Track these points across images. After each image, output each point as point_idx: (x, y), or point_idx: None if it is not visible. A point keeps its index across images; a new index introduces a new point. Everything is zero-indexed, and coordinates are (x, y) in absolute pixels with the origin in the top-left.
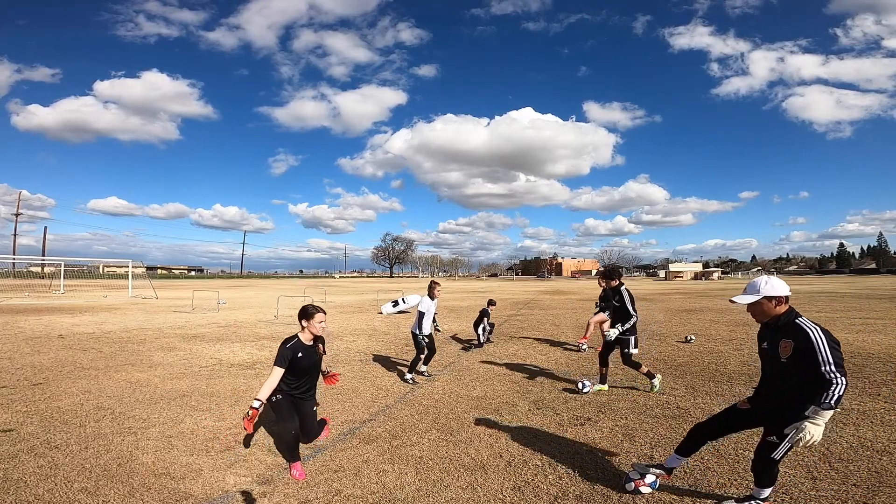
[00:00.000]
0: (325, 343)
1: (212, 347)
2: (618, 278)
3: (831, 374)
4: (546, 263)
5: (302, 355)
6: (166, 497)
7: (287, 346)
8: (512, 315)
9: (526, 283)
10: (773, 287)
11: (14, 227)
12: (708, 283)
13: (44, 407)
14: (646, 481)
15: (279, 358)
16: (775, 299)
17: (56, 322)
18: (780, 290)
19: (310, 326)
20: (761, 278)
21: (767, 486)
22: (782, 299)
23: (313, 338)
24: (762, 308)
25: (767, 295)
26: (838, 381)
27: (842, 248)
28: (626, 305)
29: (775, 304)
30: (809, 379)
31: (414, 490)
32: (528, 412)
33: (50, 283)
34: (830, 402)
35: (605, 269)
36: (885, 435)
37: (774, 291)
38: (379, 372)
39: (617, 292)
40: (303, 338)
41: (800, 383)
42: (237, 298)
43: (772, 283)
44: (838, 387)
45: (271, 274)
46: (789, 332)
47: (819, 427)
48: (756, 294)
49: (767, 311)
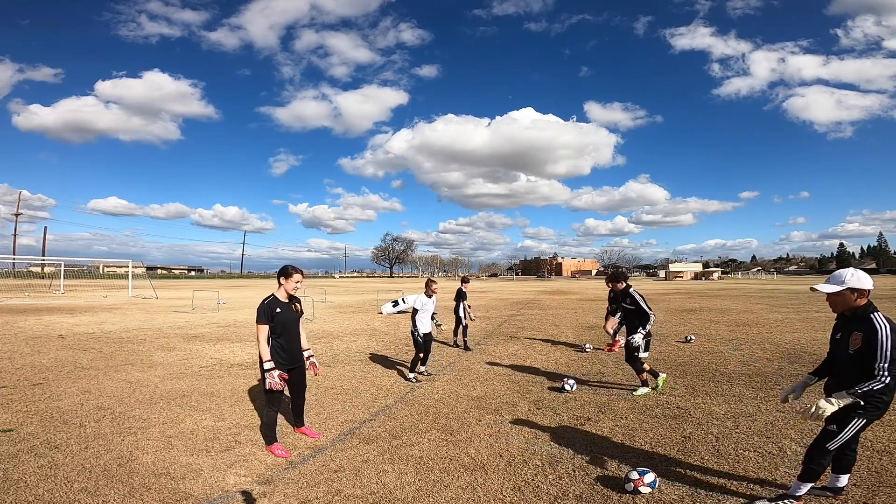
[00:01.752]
0: (300, 303)
1: (212, 347)
2: (624, 280)
3: (880, 370)
4: (546, 263)
5: (280, 310)
6: (166, 497)
7: (265, 303)
8: (512, 315)
9: (526, 283)
10: (858, 280)
11: (14, 227)
12: (708, 283)
13: (44, 407)
14: (645, 481)
15: (260, 315)
16: (858, 291)
17: (56, 322)
18: (865, 284)
19: (286, 284)
20: (847, 270)
21: (808, 481)
22: (865, 292)
23: (289, 296)
24: (844, 298)
25: (851, 287)
26: (882, 378)
27: (842, 248)
28: (641, 306)
29: (857, 296)
30: (866, 371)
31: (414, 490)
32: (528, 412)
33: (50, 283)
34: (858, 391)
35: (611, 272)
36: (885, 435)
37: (859, 284)
38: (379, 372)
39: (627, 295)
40: (279, 295)
41: (858, 376)
42: (237, 298)
43: (857, 275)
44: (877, 383)
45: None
46: (862, 325)
47: (830, 406)
48: (841, 284)
49: (848, 302)
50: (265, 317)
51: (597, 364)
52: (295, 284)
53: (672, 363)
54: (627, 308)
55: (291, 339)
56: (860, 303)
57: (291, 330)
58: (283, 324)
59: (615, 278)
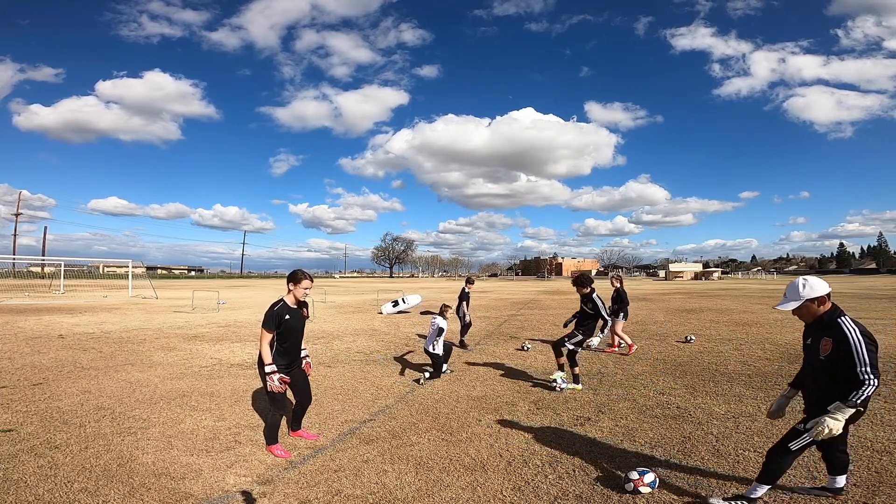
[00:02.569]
0: (308, 308)
1: (212, 347)
2: (589, 285)
3: (865, 374)
4: (546, 263)
5: (289, 317)
6: (166, 497)
7: (275, 309)
8: (512, 315)
9: (526, 283)
10: (812, 288)
11: (14, 227)
12: (708, 283)
13: (44, 407)
14: (645, 481)
15: (267, 320)
16: (817, 300)
17: (56, 322)
18: (820, 290)
19: (295, 290)
20: (799, 280)
21: (766, 483)
22: (823, 299)
23: (297, 301)
24: (807, 310)
25: (809, 297)
26: (870, 381)
27: (842, 248)
28: (600, 312)
29: (818, 304)
30: (845, 377)
31: (414, 490)
32: (528, 412)
33: (50, 283)
34: (855, 401)
35: (576, 276)
36: (885, 435)
37: (815, 293)
38: (379, 372)
39: (589, 299)
40: (288, 300)
41: (835, 381)
42: (237, 298)
43: (810, 284)
44: (869, 388)
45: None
46: (830, 331)
47: (838, 422)
48: (798, 299)
49: (812, 312)
50: (273, 323)
51: (597, 364)
52: (305, 291)
53: (672, 363)
54: (588, 312)
55: (295, 344)
56: (823, 309)
57: (297, 335)
58: (290, 329)
59: (580, 282)
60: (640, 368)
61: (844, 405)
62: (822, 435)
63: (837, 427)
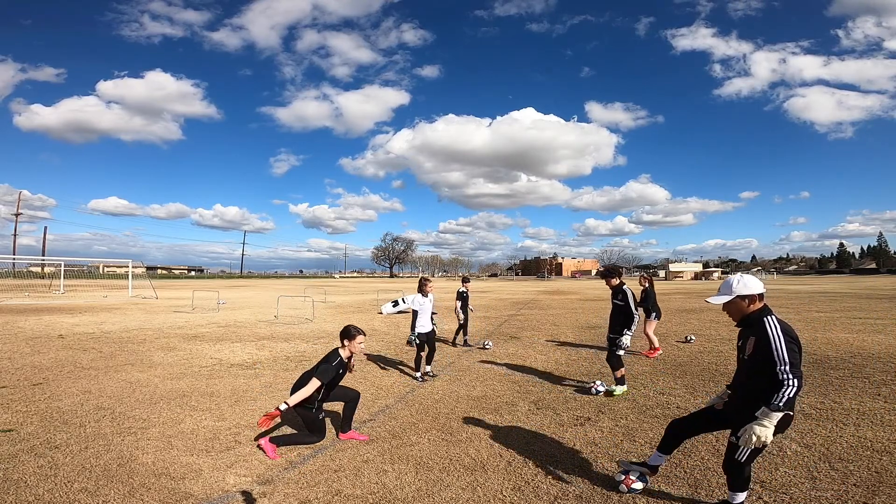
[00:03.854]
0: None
1: (212, 347)
2: (618, 277)
3: (784, 374)
4: (546, 263)
5: (341, 371)
6: (166, 497)
7: (332, 364)
8: (512, 315)
9: (526, 283)
10: (745, 286)
11: (14, 227)
12: (708, 283)
13: (44, 407)
14: (632, 477)
15: (323, 374)
16: (748, 298)
17: (56, 322)
18: (753, 289)
19: (350, 346)
20: (734, 277)
21: (740, 491)
22: (755, 297)
23: (350, 355)
24: (736, 307)
25: (740, 294)
26: (790, 382)
27: (842, 248)
28: (629, 305)
29: (748, 302)
30: (768, 378)
31: (414, 490)
32: (528, 412)
33: (50, 283)
34: (778, 404)
35: (604, 267)
36: (885, 435)
37: (747, 290)
38: (379, 372)
39: (619, 290)
40: (343, 355)
41: (760, 383)
42: (237, 298)
43: (744, 281)
44: (789, 388)
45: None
46: (755, 330)
47: (766, 429)
48: (729, 294)
49: (741, 309)
50: (326, 377)
51: (597, 364)
52: (359, 346)
53: (672, 363)
54: (618, 304)
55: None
56: (753, 308)
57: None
58: (339, 379)
59: (609, 274)
60: (640, 368)
61: (769, 410)
62: (752, 443)
63: (766, 434)
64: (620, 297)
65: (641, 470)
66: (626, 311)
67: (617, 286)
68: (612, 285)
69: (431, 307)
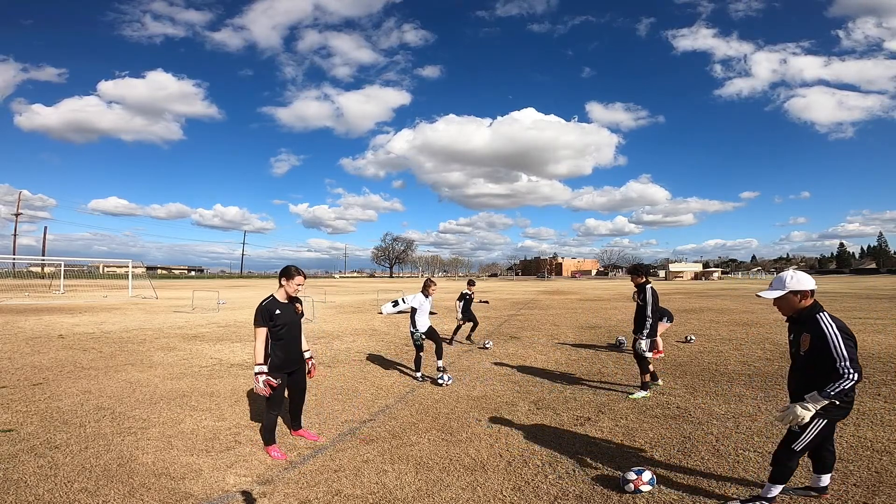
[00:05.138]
0: (301, 304)
1: (212, 347)
2: (644, 275)
3: (845, 369)
4: (546, 263)
5: (280, 312)
6: (166, 497)
7: (263, 305)
8: (512, 315)
9: (526, 283)
10: (798, 282)
11: (14, 227)
12: (708, 282)
13: (44, 407)
14: (644, 479)
15: (258, 317)
16: (800, 293)
17: (56, 322)
18: (805, 285)
19: (287, 285)
20: (787, 272)
21: (779, 483)
22: (807, 293)
23: (289, 297)
24: (788, 302)
25: (793, 289)
26: (850, 375)
27: (842, 248)
28: (647, 306)
29: (800, 298)
30: (826, 372)
31: (414, 490)
32: (528, 412)
33: (50, 283)
34: (830, 392)
35: (632, 265)
36: (885, 435)
37: (800, 286)
38: (379, 372)
39: (642, 290)
40: (278, 296)
41: (816, 376)
42: (237, 298)
43: (797, 277)
44: (847, 381)
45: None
46: (809, 327)
47: (808, 412)
48: (782, 289)
49: (793, 305)
50: (263, 319)
51: (597, 364)
52: (296, 287)
53: (672, 363)
54: (639, 304)
55: (292, 341)
56: (805, 304)
57: (293, 331)
58: (285, 325)
59: (634, 271)
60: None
61: (819, 395)
62: (788, 421)
63: (805, 415)
64: (641, 296)
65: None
66: (643, 311)
67: (640, 285)
68: (637, 283)
69: (430, 307)
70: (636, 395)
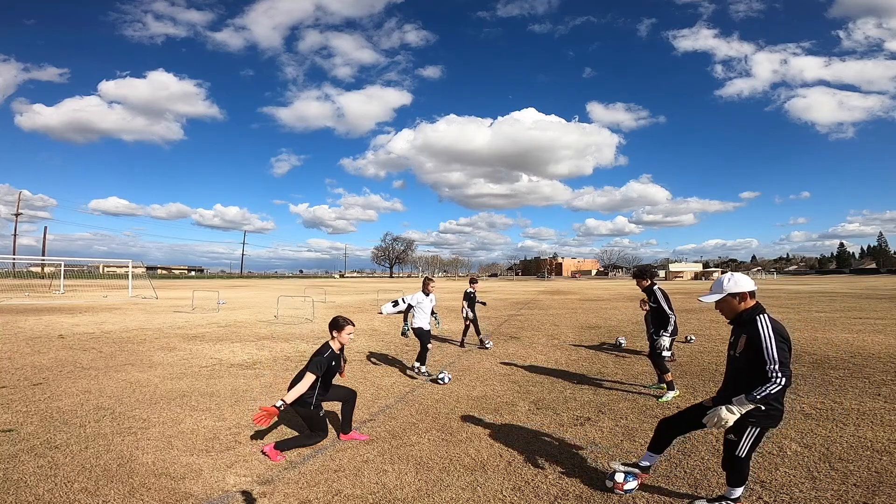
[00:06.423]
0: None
1: (212, 347)
2: (649, 278)
3: (774, 372)
4: (546, 263)
5: (334, 364)
6: (166, 497)
7: (324, 356)
8: (512, 315)
9: (526, 283)
10: (736, 284)
11: (14, 227)
12: (708, 283)
13: (44, 407)
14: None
15: (314, 366)
16: (739, 296)
17: (56, 322)
18: (744, 287)
19: (339, 337)
20: (725, 276)
21: (738, 486)
22: (746, 295)
23: (341, 346)
24: (728, 305)
25: (731, 292)
26: (777, 380)
27: (842, 248)
28: (661, 306)
29: (739, 300)
30: (757, 375)
31: (414, 490)
32: (528, 412)
33: (50, 283)
34: (756, 396)
35: (636, 268)
36: (885, 435)
37: (738, 288)
38: (379, 372)
39: (650, 293)
40: (333, 346)
41: (748, 379)
42: (237, 298)
43: (735, 279)
44: (774, 386)
45: (271, 274)
46: (747, 328)
47: (732, 415)
48: (721, 292)
49: (733, 307)
50: (319, 369)
51: (597, 364)
52: (348, 337)
53: (672, 363)
54: (652, 306)
55: (331, 381)
56: (745, 306)
57: (335, 375)
58: (332, 374)
59: (639, 274)
60: (639, 368)
61: (745, 399)
62: (713, 424)
63: (729, 419)
64: (653, 299)
65: (629, 471)
66: (661, 311)
67: (647, 288)
68: (643, 287)
69: (431, 307)
70: (666, 397)
